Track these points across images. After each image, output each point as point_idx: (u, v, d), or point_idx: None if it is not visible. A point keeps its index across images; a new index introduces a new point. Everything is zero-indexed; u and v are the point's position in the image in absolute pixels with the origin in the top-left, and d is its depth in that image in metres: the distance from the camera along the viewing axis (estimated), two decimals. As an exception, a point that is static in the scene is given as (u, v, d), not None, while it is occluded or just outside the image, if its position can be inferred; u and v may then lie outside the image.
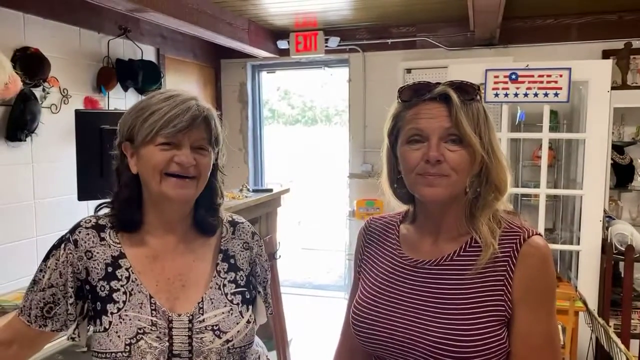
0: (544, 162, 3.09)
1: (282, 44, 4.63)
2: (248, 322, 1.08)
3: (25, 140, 2.96)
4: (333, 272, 5.90)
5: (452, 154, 0.93)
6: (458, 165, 0.93)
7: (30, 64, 2.91)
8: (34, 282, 1.05)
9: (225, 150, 1.13)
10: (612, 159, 3.50)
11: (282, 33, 4.61)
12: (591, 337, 2.83)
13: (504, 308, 0.92)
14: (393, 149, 1.03)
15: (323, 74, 5.28)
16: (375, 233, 1.12)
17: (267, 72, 5.20)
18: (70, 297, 1.03)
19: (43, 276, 1.04)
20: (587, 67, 3.02)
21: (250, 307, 1.12)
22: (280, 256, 3.14)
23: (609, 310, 2.95)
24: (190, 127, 1.01)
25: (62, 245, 1.05)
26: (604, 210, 3.09)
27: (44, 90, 3.06)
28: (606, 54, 3.86)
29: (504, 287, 0.92)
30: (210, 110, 1.06)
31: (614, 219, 3.26)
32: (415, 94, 0.97)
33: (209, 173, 1.08)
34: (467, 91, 0.96)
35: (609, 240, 2.97)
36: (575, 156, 3.66)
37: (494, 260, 0.93)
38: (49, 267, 1.04)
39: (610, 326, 2.52)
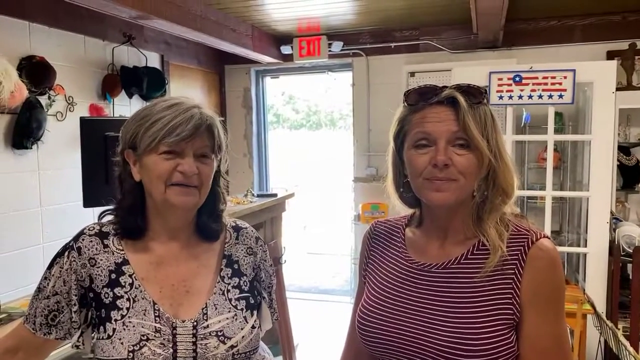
0: (549, 164, 3.07)
1: (286, 49, 4.64)
2: (253, 327, 1.08)
3: (31, 148, 2.98)
4: (339, 277, 5.88)
5: (460, 157, 0.93)
6: (466, 169, 0.93)
7: (36, 72, 2.93)
8: (39, 289, 1.05)
9: (227, 156, 1.13)
10: (618, 160, 3.48)
11: (285, 38, 4.62)
12: (600, 340, 2.80)
13: (512, 311, 0.91)
14: (399, 152, 1.02)
15: (327, 79, 5.29)
16: (380, 237, 1.12)
17: (271, 78, 5.22)
18: (74, 304, 1.03)
19: (47, 284, 1.04)
20: (592, 68, 3.00)
21: (255, 312, 1.11)
22: (285, 261, 3.14)
23: (617, 313, 2.92)
24: (193, 135, 1.00)
25: (66, 253, 1.05)
26: (611, 212, 3.07)
27: (49, 98, 3.07)
28: (611, 55, 3.84)
29: (512, 290, 0.92)
30: (213, 118, 1.06)
31: (621, 221, 3.24)
32: (421, 98, 0.97)
33: (212, 181, 1.08)
34: (474, 94, 0.95)
35: (616, 242, 2.95)
36: (581, 158, 3.64)
37: (502, 263, 0.93)
38: (53, 275, 1.04)
39: (618, 329, 2.50)
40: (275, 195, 3.13)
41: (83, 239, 1.06)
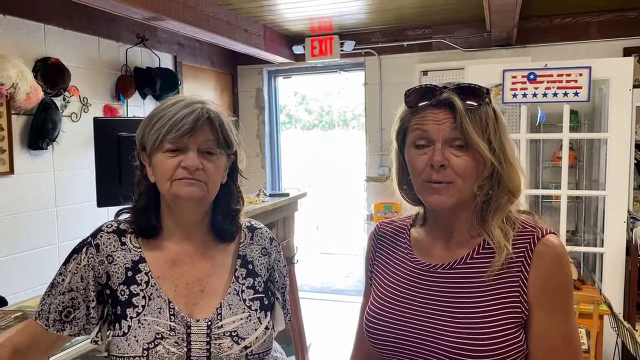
0: (564, 163, 3.04)
1: (298, 49, 4.65)
2: (266, 328, 1.08)
3: (46, 149, 3.02)
4: (351, 277, 5.87)
5: (457, 159, 0.91)
6: (463, 170, 0.92)
7: (51, 74, 2.98)
8: (53, 285, 1.05)
9: (244, 155, 1.12)
10: (635, 158, 3.42)
11: (297, 38, 4.63)
12: (617, 341, 2.76)
13: (520, 310, 0.90)
14: (401, 150, 1.02)
15: (339, 78, 5.29)
16: (385, 237, 1.11)
17: (284, 78, 5.23)
18: (92, 300, 1.04)
19: (63, 280, 1.05)
20: (608, 65, 2.96)
21: (269, 313, 1.11)
22: (298, 261, 3.14)
23: (634, 314, 2.88)
24: (194, 129, 1.00)
25: (84, 249, 1.05)
26: (628, 211, 3.02)
27: (64, 99, 3.12)
28: (627, 52, 3.78)
29: (519, 288, 0.90)
30: (216, 112, 1.04)
31: (638, 220, 3.18)
32: (421, 99, 0.96)
33: (224, 177, 1.07)
34: (476, 94, 0.93)
35: (633, 242, 2.90)
36: (597, 156, 3.59)
37: (509, 261, 0.91)
38: (69, 271, 1.04)
39: (636, 330, 2.46)
40: (287, 194, 3.13)
41: (101, 236, 1.07)
